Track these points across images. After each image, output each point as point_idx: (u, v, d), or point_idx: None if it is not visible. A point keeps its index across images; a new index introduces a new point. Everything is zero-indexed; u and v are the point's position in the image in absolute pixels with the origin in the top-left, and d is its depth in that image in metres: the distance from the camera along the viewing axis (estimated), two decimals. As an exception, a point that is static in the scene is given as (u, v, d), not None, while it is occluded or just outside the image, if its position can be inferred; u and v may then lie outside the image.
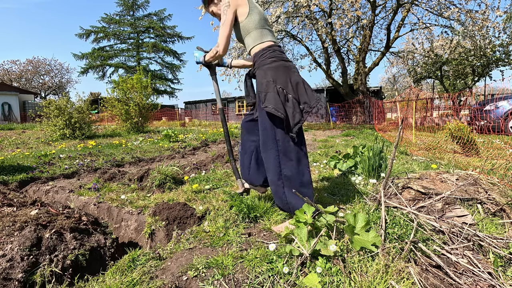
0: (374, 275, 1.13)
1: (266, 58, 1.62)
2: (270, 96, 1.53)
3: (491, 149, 4.21)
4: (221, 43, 1.64)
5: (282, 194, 1.60)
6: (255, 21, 1.64)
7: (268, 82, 1.56)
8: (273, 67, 1.59)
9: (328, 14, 11.22)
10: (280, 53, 1.66)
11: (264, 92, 1.56)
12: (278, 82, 1.55)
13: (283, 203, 1.62)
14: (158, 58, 36.47)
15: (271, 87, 1.55)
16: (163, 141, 6.78)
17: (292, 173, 1.57)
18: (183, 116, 25.54)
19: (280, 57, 1.63)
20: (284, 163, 1.58)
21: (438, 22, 12.27)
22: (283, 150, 1.57)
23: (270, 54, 1.62)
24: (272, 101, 1.51)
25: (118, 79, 10.06)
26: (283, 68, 1.59)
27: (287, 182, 1.58)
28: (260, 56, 1.65)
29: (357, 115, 13.65)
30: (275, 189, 1.63)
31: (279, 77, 1.56)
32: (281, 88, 1.54)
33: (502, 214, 1.69)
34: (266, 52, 1.63)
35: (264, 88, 1.57)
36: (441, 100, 13.62)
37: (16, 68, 34.18)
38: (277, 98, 1.52)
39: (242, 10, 1.63)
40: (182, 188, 2.57)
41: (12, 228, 1.51)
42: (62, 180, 3.22)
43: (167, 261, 1.41)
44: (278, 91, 1.53)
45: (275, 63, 1.60)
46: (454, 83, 17.75)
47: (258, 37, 1.66)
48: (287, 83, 1.56)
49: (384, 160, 2.65)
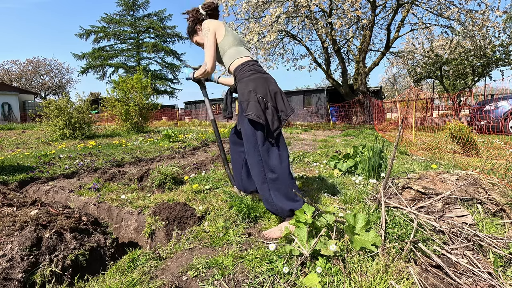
0: (374, 275, 1.13)
1: (245, 71, 1.74)
2: (252, 104, 1.63)
3: (491, 149, 4.21)
4: (208, 62, 1.79)
5: (269, 197, 1.65)
6: (230, 41, 1.81)
7: (249, 92, 1.67)
8: (253, 79, 1.70)
9: (328, 14, 11.23)
10: (257, 66, 1.79)
11: (246, 102, 1.67)
12: (258, 92, 1.66)
13: (271, 205, 1.65)
14: (158, 58, 36.51)
15: (252, 96, 1.65)
16: (163, 141, 6.78)
17: (276, 175, 1.64)
18: (183, 116, 25.55)
19: (258, 70, 1.76)
20: (267, 167, 1.65)
21: (438, 22, 12.28)
22: (264, 155, 1.65)
23: (249, 67, 1.75)
24: (254, 109, 1.61)
25: (118, 79, 10.06)
26: (262, 79, 1.71)
27: (272, 185, 1.64)
28: (240, 70, 1.77)
29: (357, 115, 13.65)
30: (262, 193, 1.68)
31: (258, 87, 1.67)
32: (261, 97, 1.65)
33: (502, 214, 1.69)
34: (245, 66, 1.76)
35: (245, 97, 1.68)
36: (441, 100, 13.63)
37: (16, 68, 34.22)
38: (258, 106, 1.62)
39: (220, 32, 1.81)
40: (182, 188, 2.57)
41: (12, 228, 1.51)
42: (62, 180, 3.21)
43: (167, 261, 1.41)
44: (259, 100, 1.64)
45: (254, 75, 1.72)
46: (454, 83, 17.76)
47: (234, 54, 1.80)
48: (266, 93, 1.67)
49: (384, 160, 2.65)
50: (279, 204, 1.61)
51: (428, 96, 13.69)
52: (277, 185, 1.63)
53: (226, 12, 10.06)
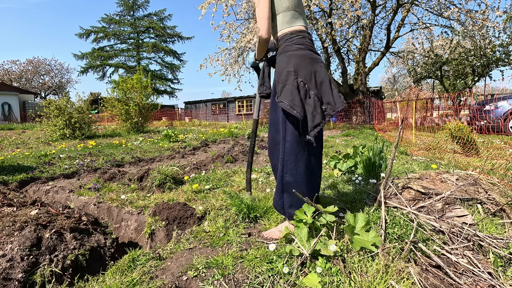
0: (374, 275, 1.13)
1: (293, 43, 1.41)
2: (287, 89, 1.33)
3: (491, 149, 4.21)
4: (261, 25, 1.41)
5: (280, 199, 1.51)
6: (284, 2, 1.44)
7: (289, 72, 1.35)
8: (298, 55, 1.37)
9: (328, 14, 11.22)
10: (309, 41, 1.45)
11: (282, 84, 1.36)
12: (300, 74, 1.35)
13: (280, 207, 1.54)
14: (158, 58, 36.52)
15: (290, 78, 1.34)
16: (163, 141, 6.78)
17: (294, 180, 1.42)
18: (183, 116, 25.54)
19: (308, 46, 1.42)
20: (287, 168, 1.42)
21: (438, 22, 12.28)
22: (289, 153, 1.40)
23: (298, 40, 1.41)
24: (289, 96, 1.31)
25: (118, 79, 10.07)
26: (310, 59, 1.38)
27: (287, 187, 1.45)
28: (286, 40, 1.43)
29: (357, 115, 13.65)
30: (276, 190, 1.56)
31: (302, 68, 1.35)
32: (302, 82, 1.34)
33: (502, 214, 1.69)
34: (294, 37, 1.42)
35: (283, 78, 1.37)
36: (441, 100, 13.62)
37: (16, 68, 34.21)
38: (295, 93, 1.31)
39: None
40: (182, 188, 2.57)
41: (12, 228, 1.51)
42: (62, 180, 3.21)
43: (167, 261, 1.41)
44: (299, 85, 1.33)
45: (302, 51, 1.39)
46: (454, 83, 17.76)
47: (287, 21, 1.45)
48: (311, 77, 1.35)
49: (384, 160, 2.65)
50: (289, 210, 1.50)
51: (428, 96, 13.69)
52: (292, 189, 1.42)
53: (226, 12, 10.05)
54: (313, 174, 1.46)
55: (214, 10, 9.92)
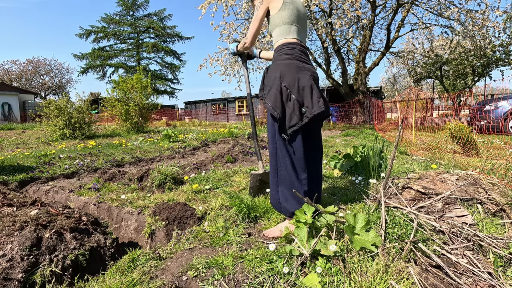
0: (374, 275, 1.13)
1: (282, 54, 1.60)
2: (272, 92, 1.54)
3: (491, 149, 4.21)
4: (249, 37, 1.74)
5: (275, 193, 1.63)
6: (284, 16, 1.61)
7: (275, 77, 1.55)
8: (285, 64, 1.56)
9: (328, 14, 11.21)
10: (299, 52, 1.61)
11: (269, 87, 1.58)
12: (284, 80, 1.53)
13: (276, 202, 1.64)
14: (158, 58, 36.51)
15: (276, 83, 1.54)
16: (163, 141, 6.78)
17: (286, 174, 1.57)
18: (183, 116, 25.55)
19: (296, 56, 1.59)
20: (280, 163, 1.58)
21: (438, 22, 12.27)
22: (280, 149, 1.57)
23: (287, 50, 1.60)
24: (272, 98, 1.52)
25: (118, 79, 10.07)
26: (295, 67, 1.55)
27: (281, 181, 1.59)
28: (278, 50, 1.64)
29: (357, 115, 13.64)
30: (271, 186, 1.66)
31: (287, 75, 1.53)
32: (285, 86, 1.52)
33: (502, 214, 1.69)
34: (284, 47, 1.61)
35: (270, 83, 1.58)
36: (441, 100, 13.62)
37: (16, 68, 34.22)
38: (278, 96, 1.51)
39: (274, 4, 1.63)
40: (182, 188, 2.57)
41: (12, 228, 1.51)
42: (62, 180, 3.21)
43: (167, 261, 1.41)
44: (282, 89, 1.52)
45: (289, 60, 1.57)
46: (454, 83, 17.76)
47: (283, 33, 1.63)
48: (294, 83, 1.52)
49: (384, 160, 2.65)
50: (284, 203, 1.59)
51: (428, 96, 13.68)
52: (286, 183, 1.57)
53: (226, 12, 10.05)
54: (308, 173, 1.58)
55: (214, 10, 9.91)
